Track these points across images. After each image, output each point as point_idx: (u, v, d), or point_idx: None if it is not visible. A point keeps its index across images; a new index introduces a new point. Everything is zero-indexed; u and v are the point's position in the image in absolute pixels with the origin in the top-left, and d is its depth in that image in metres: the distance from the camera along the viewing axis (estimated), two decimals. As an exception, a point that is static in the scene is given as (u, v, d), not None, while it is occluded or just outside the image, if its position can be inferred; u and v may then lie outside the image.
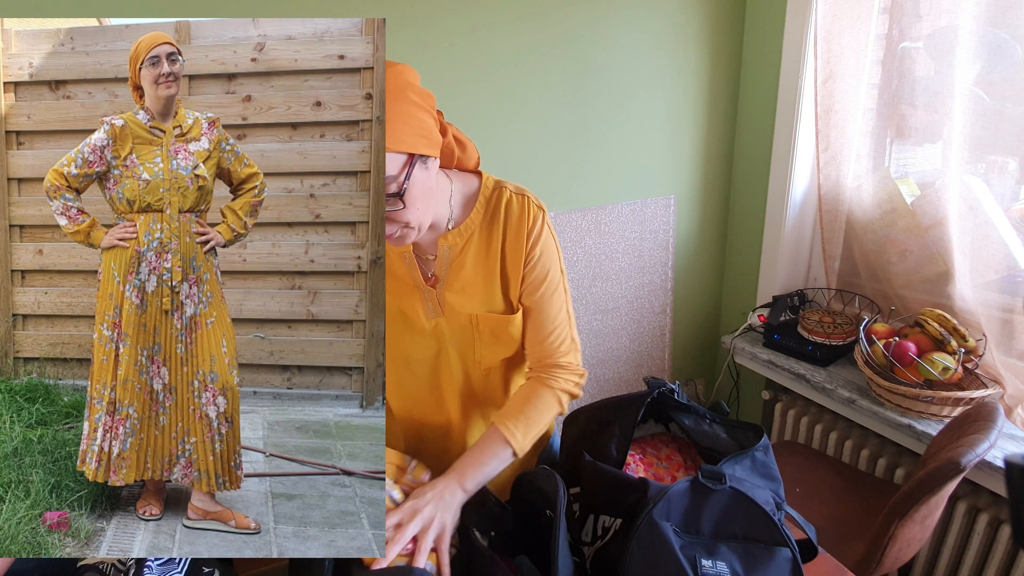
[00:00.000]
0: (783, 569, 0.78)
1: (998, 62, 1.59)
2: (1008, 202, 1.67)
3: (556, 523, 0.83)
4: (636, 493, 0.82)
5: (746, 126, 2.25)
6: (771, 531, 0.80)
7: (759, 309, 2.18)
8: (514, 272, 0.97)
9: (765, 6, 2.08)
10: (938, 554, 1.69)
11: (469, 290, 0.97)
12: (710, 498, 0.81)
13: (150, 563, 0.90)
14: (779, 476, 0.93)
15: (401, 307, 1.00)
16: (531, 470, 0.98)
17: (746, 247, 2.36)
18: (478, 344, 1.01)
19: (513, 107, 1.90)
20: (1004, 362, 1.64)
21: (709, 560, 0.76)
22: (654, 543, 0.77)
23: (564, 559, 0.81)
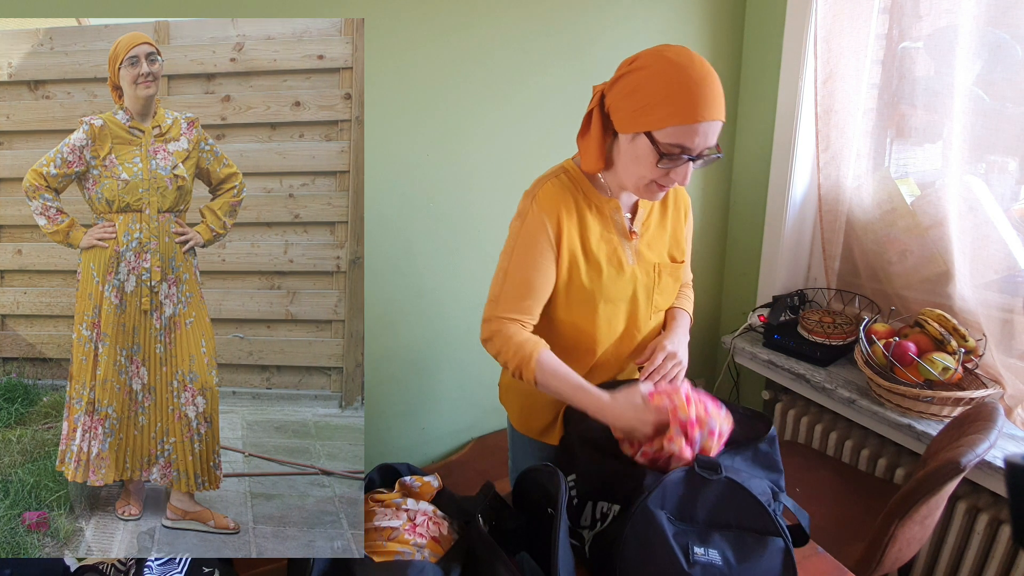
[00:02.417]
0: (775, 558, 0.78)
1: (998, 62, 1.59)
2: (1008, 202, 1.67)
3: (557, 520, 0.83)
4: (632, 480, 0.83)
5: (746, 126, 2.25)
6: (764, 521, 0.81)
7: (759, 309, 2.18)
8: (679, 234, 1.29)
9: (765, 6, 2.09)
10: (938, 554, 1.68)
11: (654, 245, 1.25)
12: (705, 487, 0.82)
13: (150, 563, 0.90)
14: (781, 466, 0.94)
15: (617, 253, 1.21)
16: (534, 467, 0.98)
17: (746, 247, 2.36)
18: (656, 291, 1.27)
19: (511, 104, 1.91)
20: (1004, 362, 1.64)
21: (702, 548, 0.76)
22: (648, 530, 0.78)
23: (564, 557, 0.82)
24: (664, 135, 0.99)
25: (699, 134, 0.99)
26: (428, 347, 2.03)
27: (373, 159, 1.79)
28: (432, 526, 0.96)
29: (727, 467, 0.82)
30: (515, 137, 1.93)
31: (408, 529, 0.94)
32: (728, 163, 2.34)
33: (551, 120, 1.95)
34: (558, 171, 1.19)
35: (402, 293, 1.94)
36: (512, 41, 1.85)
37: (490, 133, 1.90)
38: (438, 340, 2.04)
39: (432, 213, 1.90)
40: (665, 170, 1.04)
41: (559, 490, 0.86)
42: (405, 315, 1.97)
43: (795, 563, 0.81)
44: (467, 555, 0.88)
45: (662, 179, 1.06)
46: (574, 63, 1.95)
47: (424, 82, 1.79)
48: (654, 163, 1.02)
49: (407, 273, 1.93)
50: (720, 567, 0.78)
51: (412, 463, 1.24)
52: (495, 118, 1.90)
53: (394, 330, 1.96)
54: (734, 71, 2.22)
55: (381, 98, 1.75)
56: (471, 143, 1.89)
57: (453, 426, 2.17)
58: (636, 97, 1.00)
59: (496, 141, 1.92)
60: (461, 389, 2.13)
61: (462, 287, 2.01)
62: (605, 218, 1.18)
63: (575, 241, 1.15)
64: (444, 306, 2.02)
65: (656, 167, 1.03)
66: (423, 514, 0.98)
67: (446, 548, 0.93)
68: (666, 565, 0.79)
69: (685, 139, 0.99)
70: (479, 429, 2.22)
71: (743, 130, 2.27)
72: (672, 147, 1.00)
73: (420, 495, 1.02)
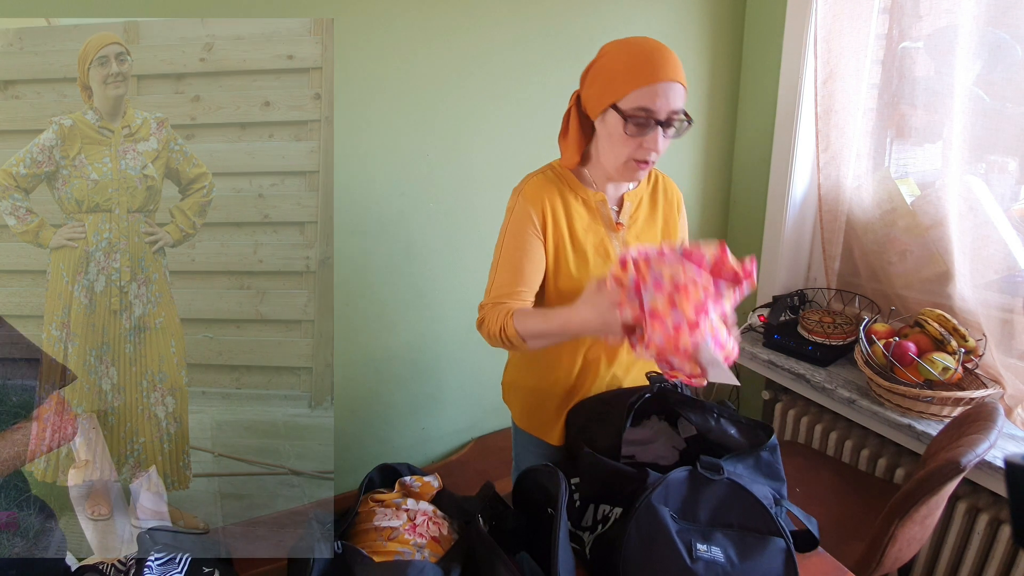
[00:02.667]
0: (776, 558, 0.78)
1: (998, 62, 1.59)
2: (1008, 202, 1.67)
3: (557, 521, 0.83)
4: (634, 483, 0.83)
5: (746, 126, 2.25)
6: (766, 522, 0.81)
7: (759, 309, 2.18)
8: (672, 225, 1.31)
9: (765, 6, 2.09)
10: (938, 554, 1.68)
11: (643, 236, 1.27)
12: (708, 488, 0.82)
13: (150, 563, 0.90)
14: (783, 476, 0.94)
15: (604, 243, 1.23)
16: (534, 467, 0.98)
17: (746, 247, 2.36)
18: None
19: (509, 103, 1.91)
20: (1004, 362, 1.64)
21: (704, 545, 0.76)
22: (652, 526, 0.78)
23: (565, 557, 0.82)
24: (627, 103, 1.05)
25: (659, 95, 1.04)
26: (428, 347, 2.03)
27: (373, 159, 1.79)
28: (432, 526, 0.96)
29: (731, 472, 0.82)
30: (516, 137, 1.93)
31: (408, 529, 0.94)
32: (728, 163, 2.34)
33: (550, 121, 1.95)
34: (544, 168, 1.25)
35: (402, 293, 1.94)
36: (512, 43, 1.86)
37: (491, 133, 1.90)
38: (438, 340, 2.04)
39: (432, 213, 1.91)
40: (637, 140, 1.07)
41: (559, 490, 0.86)
42: (405, 315, 1.97)
43: (796, 563, 0.81)
44: (467, 555, 0.88)
45: (637, 152, 1.09)
46: (573, 64, 1.94)
47: (427, 82, 1.79)
48: (624, 134, 1.07)
49: (407, 273, 1.93)
50: (722, 564, 0.78)
51: (412, 463, 1.24)
52: (496, 118, 1.90)
53: (394, 330, 1.96)
54: (734, 71, 2.22)
55: (383, 99, 1.76)
56: (473, 143, 1.89)
57: (453, 426, 2.17)
58: (600, 79, 1.09)
59: (497, 141, 1.92)
60: (461, 389, 2.13)
61: (462, 287, 2.01)
62: (592, 210, 1.22)
63: (562, 229, 1.19)
64: (444, 306, 2.02)
65: (627, 137, 1.07)
66: (423, 514, 0.98)
67: (446, 548, 0.93)
68: (669, 561, 0.79)
69: (646, 101, 1.05)
70: (479, 429, 2.22)
71: (743, 130, 2.27)
72: (636, 111, 1.05)
73: (420, 495, 1.02)
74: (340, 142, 1.73)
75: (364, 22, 1.68)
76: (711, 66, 2.17)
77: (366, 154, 1.78)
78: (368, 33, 1.70)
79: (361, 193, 1.81)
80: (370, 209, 1.83)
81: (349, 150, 1.75)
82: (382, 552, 0.91)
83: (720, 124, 2.27)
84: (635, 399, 1.05)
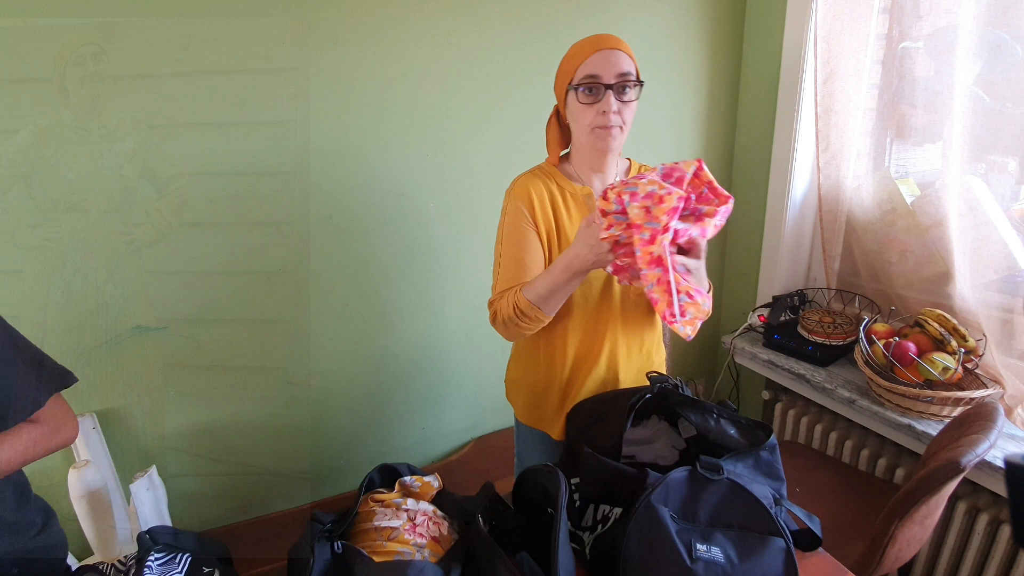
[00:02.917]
0: (776, 558, 0.78)
1: (998, 62, 1.59)
2: (1008, 202, 1.67)
3: (557, 521, 0.83)
4: (634, 483, 0.83)
5: (746, 126, 2.25)
6: (766, 521, 0.81)
7: (759, 309, 2.18)
8: None
9: (765, 6, 2.09)
10: (938, 554, 1.68)
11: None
12: (707, 488, 0.82)
13: (150, 563, 0.90)
14: (783, 476, 0.93)
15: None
16: (535, 467, 0.98)
17: (746, 247, 2.36)
18: None
19: (510, 104, 1.91)
20: (1004, 362, 1.64)
21: (704, 545, 0.76)
22: (651, 526, 0.78)
23: (565, 557, 0.82)
24: (577, 77, 1.17)
25: (602, 61, 1.15)
26: (428, 347, 2.03)
27: (374, 158, 1.79)
28: (432, 526, 0.96)
29: (730, 472, 0.82)
30: (516, 138, 1.93)
31: (408, 529, 0.94)
32: (728, 163, 2.34)
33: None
34: (532, 168, 1.32)
35: (402, 293, 1.94)
36: (512, 43, 1.86)
37: (491, 134, 1.91)
38: (438, 340, 2.04)
39: (433, 213, 1.91)
40: (593, 108, 1.17)
41: (559, 490, 0.86)
42: (405, 315, 1.97)
43: (796, 563, 0.81)
44: (467, 555, 0.88)
45: (597, 119, 1.17)
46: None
47: (428, 82, 1.79)
48: (579, 104, 1.17)
49: (407, 273, 1.93)
50: (722, 564, 0.78)
51: (412, 463, 1.24)
52: (496, 119, 1.90)
53: (394, 330, 1.96)
54: (734, 71, 2.22)
55: (383, 98, 1.76)
56: (473, 143, 1.89)
57: (453, 426, 2.17)
58: (558, 74, 1.23)
59: (497, 142, 1.92)
60: (461, 389, 2.13)
61: (462, 287, 2.01)
62: (579, 203, 1.29)
63: (550, 220, 1.26)
64: (444, 306, 2.02)
65: (584, 107, 1.17)
66: (423, 514, 0.98)
67: (446, 548, 0.93)
68: (669, 561, 0.79)
69: (591, 68, 1.16)
70: (479, 429, 2.22)
71: (743, 129, 2.27)
72: (585, 80, 1.16)
73: (420, 495, 1.02)
74: (340, 142, 1.74)
75: (364, 22, 1.69)
76: (711, 66, 2.17)
77: (366, 154, 1.78)
78: (368, 33, 1.70)
79: (361, 193, 1.81)
80: (370, 209, 1.83)
81: (349, 150, 1.76)
82: (382, 552, 0.91)
83: (720, 124, 2.27)
84: (636, 399, 1.05)
